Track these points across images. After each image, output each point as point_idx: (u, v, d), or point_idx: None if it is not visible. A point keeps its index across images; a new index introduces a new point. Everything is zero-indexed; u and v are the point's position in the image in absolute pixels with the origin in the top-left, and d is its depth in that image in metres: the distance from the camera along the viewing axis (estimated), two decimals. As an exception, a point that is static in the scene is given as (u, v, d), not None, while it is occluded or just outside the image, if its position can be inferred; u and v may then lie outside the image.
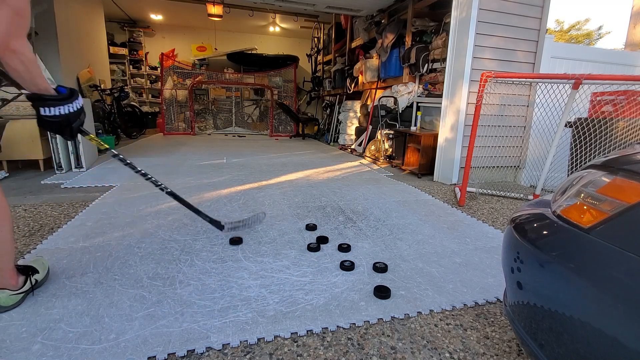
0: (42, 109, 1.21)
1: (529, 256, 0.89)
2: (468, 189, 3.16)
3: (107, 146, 1.55)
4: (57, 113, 1.22)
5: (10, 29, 1.03)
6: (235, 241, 1.95)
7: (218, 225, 1.90)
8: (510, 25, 3.54)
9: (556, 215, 0.88)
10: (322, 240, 2.01)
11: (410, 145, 4.26)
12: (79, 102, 1.29)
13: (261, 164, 4.45)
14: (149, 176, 1.67)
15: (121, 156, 1.55)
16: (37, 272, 1.41)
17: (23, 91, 1.22)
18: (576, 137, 3.02)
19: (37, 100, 1.19)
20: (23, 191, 2.90)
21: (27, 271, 1.37)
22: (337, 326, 1.28)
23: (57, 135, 3.41)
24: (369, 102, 5.83)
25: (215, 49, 9.94)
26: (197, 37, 9.93)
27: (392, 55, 5.20)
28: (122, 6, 8.02)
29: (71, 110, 1.26)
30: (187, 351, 1.13)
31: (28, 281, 1.34)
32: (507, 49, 3.59)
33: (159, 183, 1.70)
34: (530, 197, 3.22)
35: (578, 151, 3.00)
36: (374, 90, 5.78)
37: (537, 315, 0.86)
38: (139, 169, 1.63)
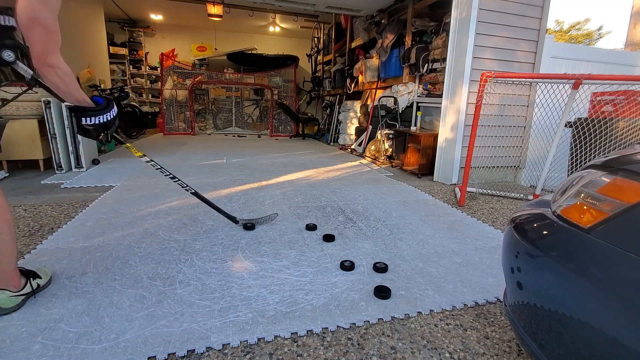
0: (83, 119, 1.31)
1: (529, 256, 0.89)
2: (468, 189, 3.16)
3: (140, 154, 1.70)
4: (97, 122, 1.34)
5: (46, 47, 1.10)
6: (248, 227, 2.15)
7: (234, 219, 2.17)
8: (510, 25, 3.54)
9: (556, 215, 0.89)
10: (328, 238, 2.03)
11: (410, 145, 4.26)
12: (115, 110, 1.41)
13: (261, 164, 4.45)
14: (177, 179, 1.91)
15: (153, 162, 1.77)
16: (40, 277, 1.41)
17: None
18: (576, 137, 3.02)
19: (79, 111, 1.30)
20: (23, 191, 2.90)
21: (28, 275, 1.37)
22: (337, 326, 1.28)
23: (56, 136, 3.42)
24: (369, 102, 5.83)
25: (215, 49, 9.94)
26: (197, 37, 9.93)
27: (392, 55, 5.20)
28: (122, 6, 8.02)
29: (109, 118, 1.37)
30: (187, 351, 1.13)
31: (28, 284, 1.34)
32: (507, 49, 3.59)
33: (185, 185, 1.92)
34: (530, 197, 3.22)
35: (578, 151, 3.00)
36: (374, 90, 5.77)
37: (537, 315, 0.86)
38: (168, 173, 1.84)
